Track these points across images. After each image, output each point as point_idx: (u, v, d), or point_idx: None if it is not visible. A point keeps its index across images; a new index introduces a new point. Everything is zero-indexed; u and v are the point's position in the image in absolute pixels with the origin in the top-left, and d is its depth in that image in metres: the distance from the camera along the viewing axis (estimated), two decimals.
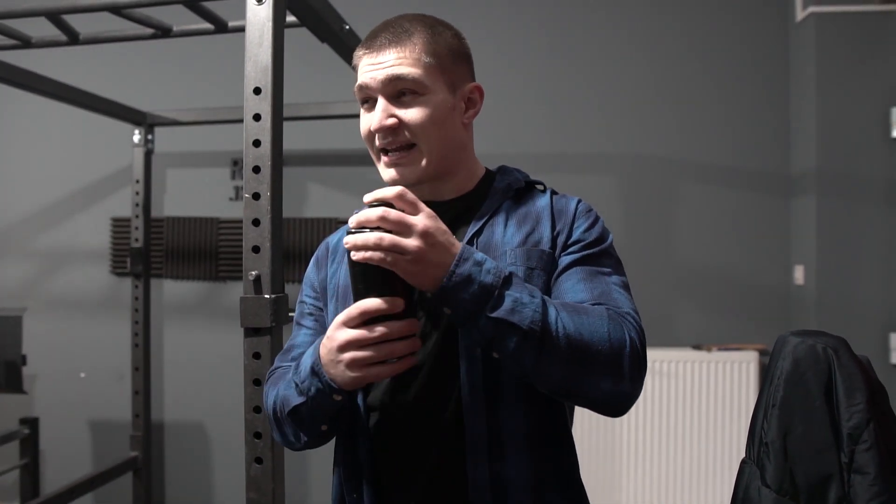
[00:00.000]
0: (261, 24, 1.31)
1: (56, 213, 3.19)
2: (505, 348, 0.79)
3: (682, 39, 2.82)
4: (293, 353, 1.03)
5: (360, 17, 1.96)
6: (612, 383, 0.82)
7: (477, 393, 0.89)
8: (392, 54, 0.93)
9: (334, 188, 2.98)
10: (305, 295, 1.09)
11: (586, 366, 0.81)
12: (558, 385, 0.82)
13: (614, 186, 2.84)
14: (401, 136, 0.94)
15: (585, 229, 0.98)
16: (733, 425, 2.62)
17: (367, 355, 0.79)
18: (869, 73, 2.55)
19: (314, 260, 1.11)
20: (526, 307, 0.78)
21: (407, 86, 0.93)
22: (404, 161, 0.95)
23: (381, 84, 0.93)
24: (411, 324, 0.79)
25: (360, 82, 0.95)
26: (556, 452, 0.95)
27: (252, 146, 1.29)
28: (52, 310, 3.13)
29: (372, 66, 0.94)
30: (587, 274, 0.93)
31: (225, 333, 2.98)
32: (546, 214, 0.98)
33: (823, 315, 2.54)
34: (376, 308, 0.78)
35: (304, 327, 1.07)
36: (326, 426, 0.91)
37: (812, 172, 2.58)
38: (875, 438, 0.98)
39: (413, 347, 0.80)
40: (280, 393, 0.93)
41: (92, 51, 2.40)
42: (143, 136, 2.86)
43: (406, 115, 0.93)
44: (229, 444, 3.01)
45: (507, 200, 1.00)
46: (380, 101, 0.94)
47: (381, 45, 0.94)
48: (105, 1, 1.59)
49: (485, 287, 0.78)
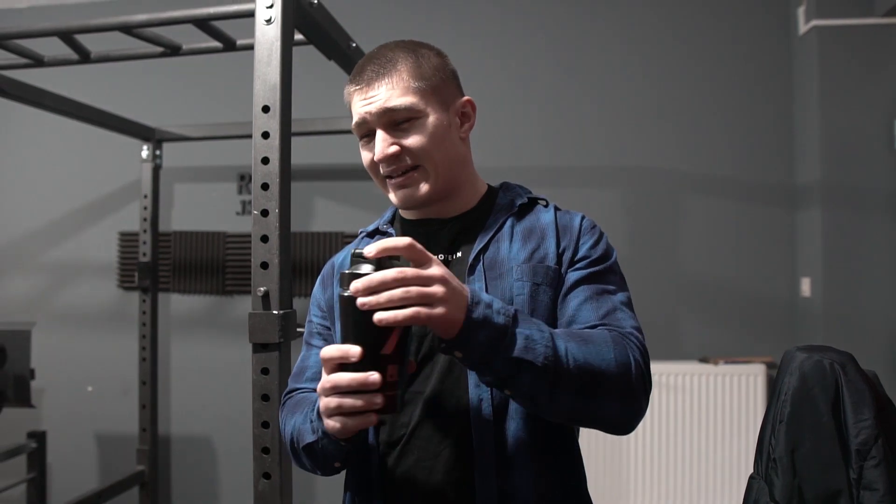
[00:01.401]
0: (269, 43, 1.33)
1: (64, 228, 3.22)
2: (520, 385, 0.80)
3: (686, 53, 2.83)
4: (307, 374, 1.05)
5: (367, 34, 1.98)
6: (620, 405, 0.85)
7: (485, 407, 0.91)
8: (382, 87, 0.95)
9: (341, 203, 3.00)
10: (313, 315, 1.10)
11: (597, 392, 0.83)
12: (570, 414, 0.85)
13: (619, 199, 2.85)
14: (403, 161, 0.96)
15: (591, 246, 0.99)
16: (740, 439, 2.61)
17: (326, 402, 0.78)
18: (872, 85, 2.55)
19: (320, 280, 1.12)
20: (538, 344, 0.80)
21: (401, 115, 0.95)
22: (410, 182, 0.98)
23: (377, 117, 0.95)
24: (364, 378, 0.75)
25: (357, 119, 0.97)
26: (563, 465, 0.96)
27: (261, 163, 1.30)
28: (60, 324, 3.14)
29: (365, 102, 0.96)
30: (593, 293, 0.94)
31: (232, 347, 2.99)
32: (551, 230, 1.00)
33: (830, 327, 2.53)
34: (330, 356, 0.77)
35: (314, 347, 1.07)
36: (339, 463, 0.93)
37: (817, 184, 2.58)
38: (884, 454, 0.98)
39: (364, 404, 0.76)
40: (297, 425, 0.94)
41: (101, 68, 2.43)
42: (151, 152, 2.89)
43: (406, 142, 0.95)
44: (236, 459, 3.01)
45: (511, 216, 1.02)
46: (378, 133, 0.96)
47: (369, 80, 0.96)
48: (116, 21, 1.62)
49: (498, 328, 0.78)
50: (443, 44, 1.07)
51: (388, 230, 1.07)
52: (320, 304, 1.09)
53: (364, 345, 0.75)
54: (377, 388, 0.75)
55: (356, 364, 0.75)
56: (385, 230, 1.07)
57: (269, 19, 1.33)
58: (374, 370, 0.75)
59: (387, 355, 0.76)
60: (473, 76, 2.91)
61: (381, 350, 0.76)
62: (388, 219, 1.10)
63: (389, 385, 0.76)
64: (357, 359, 0.75)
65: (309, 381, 1.03)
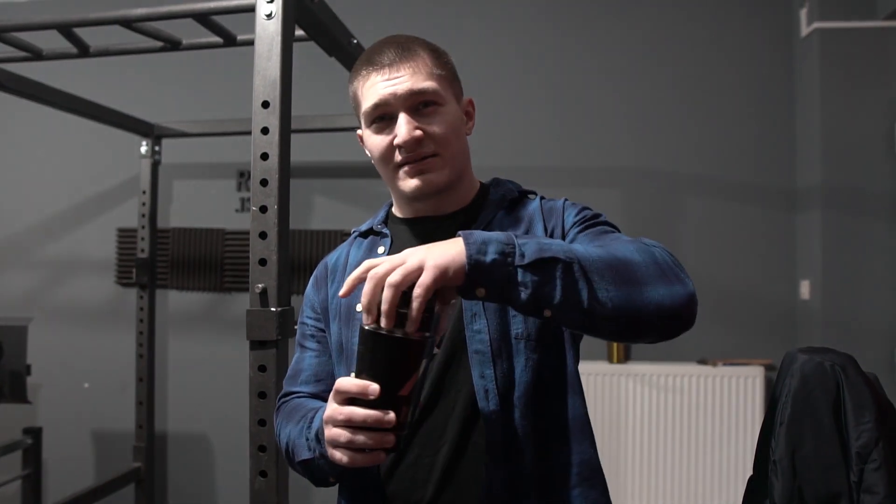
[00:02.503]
0: (270, 38, 1.32)
1: (62, 224, 3.21)
2: (554, 291, 0.73)
3: (687, 55, 2.83)
4: (301, 377, 1.04)
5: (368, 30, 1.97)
6: (666, 287, 0.80)
7: (491, 398, 0.90)
8: (407, 69, 0.93)
9: (340, 200, 2.99)
10: (306, 316, 1.08)
11: (634, 279, 0.78)
12: (621, 313, 0.77)
13: (619, 200, 2.84)
14: (425, 147, 0.94)
15: (577, 213, 1.00)
16: (739, 440, 2.60)
17: (336, 434, 0.77)
18: (873, 87, 2.55)
19: (313, 280, 1.10)
20: (551, 244, 0.76)
21: (428, 98, 0.94)
22: (429, 168, 0.95)
23: (403, 99, 0.93)
24: (381, 417, 0.73)
25: (378, 99, 0.94)
26: (573, 444, 0.94)
27: (260, 159, 1.30)
28: (57, 319, 3.13)
29: (388, 83, 0.93)
30: (593, 235, 0.95)
31: (229, 345, 2.98)
32: (537, 216, 1.00)
33: (830, 330, 2.53)
34: (346, 389, 0.75)
35: (308, 349, 1.06)
36: (334, 479, 0.94)
37: (817, 187, 2.58)
38: (884, 457, 0.97)
39: (376, 442, 0.74)
40: (292, 437, 0.94)
41: (100, 63, 2.41)
42: (150, 148, 2.88)
43: (430, 127, 0.94)
44: (232, 456, 3.00)
45: (501, 210, 1.02)
46: (402, 116, 0.93)
47: (392, 62, 0.94)
48: (116, 14, 1.61)
49: (503, 241, 0.74)
50: (444, 42, 1.06)
51: (382, 230, 1.06)
52: (314, 305, 1.07)
53: (382, 382, 0.73)
54: (391, 427, 0.73)
55: (372, 401, 0.73)
56: (379, 230, 1.06)
57: (270, 14, 1.32)
58: (389, 409, 0.73)
59: (403, 396, 0.74)
60: (474, 75, 2.90)
61: (400, 391, 0.74)
62: (381, 218, 1.08)
63: (401, 425, 0.75)
64: (375, 396, 0.73)
65: (304, 384, 1.03)
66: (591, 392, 2.67)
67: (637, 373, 2.67)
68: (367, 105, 0.95)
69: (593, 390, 2.67)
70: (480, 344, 0.92)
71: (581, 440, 0.95)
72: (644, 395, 2.67)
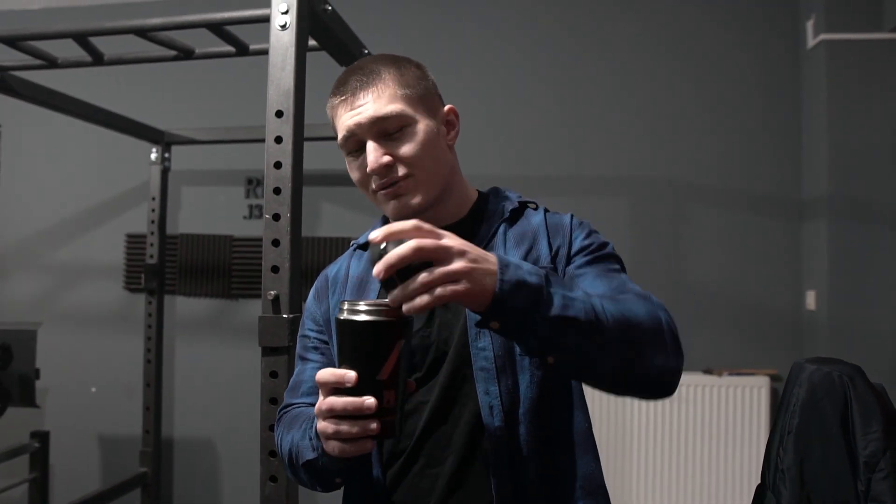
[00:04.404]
0: (284, 48, 1.34)
1: (72, 229, 3.23)
2: (564, 346, 0.76)
3: (694, 64, 2.84)
4: (302, 388, 1.03)
5: (378, 41, 2.00)
6: (661, 359, 0.83)
7: (496, 414, 0.91)
8: (368, 96, 0.94)
9: (348, 208, 3.01)
10: (308, 329, 1.07)
11: (636, 345, 0.81)
12: (614, 373, 0.81)
13: (626, 209, 2.85)
14: (395, 171, 0.94)
15: (585, 237, 1.00)
16: (744, 450, 2.60)
17: (323, 427, 0.77)
18: (879, 98, 2.56)
19: (314, 292, 1.09)
20: (576, 300, 0.77)
21: (392, 123, 0.93)
22: (403, 190, 0.95)
23: (367, 128, 0.93)
24: (359, 403, 0.74)
25: (346, 131, 0.95)
26: (577, 458, 0.95)
27: (273, 168, 1.31)
28: (65, 324, 3.15)
29: (352, 113, 0.94)
30: (600, 271, 0.95)
31: (236, 351, 2.99)
32: (542, 231, 1.00)
33: (836, 341, 2.53)
34: (325, 380, 0.76)
35: (310, 361, 1.05)
36: (340, 479, 0.93)
37: (823, 197, 2.59)
38: (892, 467, 0.98)
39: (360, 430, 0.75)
40: (295, 441, 0.93)
41: (111, 70, 2.44)
42: (160, 154, 2.90)
43: (398, 151, 0.94)
44: (239, 462, 3.00)
45: (504, 223, 1.01)
46: (370, 144, 0.94)
47: (354, 90, 0.95)
48: (132, 24, 1.63)
49: (533, 289, 0.74)
50: (451, 52, 1.08)
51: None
52: (315, 317, 1.07)
53: (360, 370, 0.74)
54: (373, 413, 0.74)
55: (352, 389, 0.74)
56: None
57: (284, 25, 1.34)
58: (370, 395, 0.74)
59: (383, 381, 0.75)
60: (481, 82, 2.94)
61: (378, 375, 0.74)
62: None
63: (386, 410, 0.75)
64: (352, 384, 0.74)
65: (305, 396, 1.03)
66: (597, 401, 2.67)
67: None
68: (339, 137, 0.97)
69: (598, 399, 2.68)
70: (485, 361, 0.92)
71: (585, 454, 0.96)
72: (649, 404, 2.67)
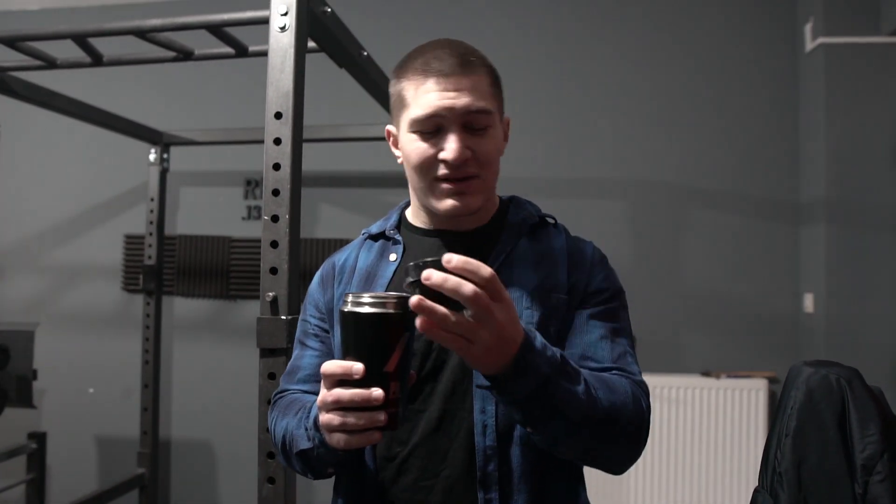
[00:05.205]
0: (283, 50, 1.34)
1: (70, 230, 3.23)
2: (549, 431, 0.80)
3: (692, 67, 2.85)
4: (299, 374, 1.02)
5: (377, 43, 2.00)
6: (629, 450, 0.87)
7: (489, 434, 0.90)
8: (467, 83, 0.90)
9: (347, 209, 3.01)
10: (309, 315, 1.05)
11: (614, 438, 0.85)
12: (582, 454, 0.86)
13: (624, 212, 2.86)
14: (470, 167, 0.91)
15: (604, 279, 0.99)
16: (741, 453, 2.60)
17: (328, 419, 0.76)
18: (877, 102, 2.57)
19: (319, 279, 1.06)
20: (578, 396, 0.78)
21: (481, 120, 0.91)
22: (469, 190, 0.93)
23: (458, 114, 0.89)
24: (367, 395, 0.73)
25: (431, 110, 0.89)
26: (564, 484, 0.95)
27: (272, 169, 1.31)
28: (63, 325, 3.15)
29: (446, 95, 0.89)
30: (608, 331, 0.95)
31: (234, 352, 2.99)
32: (562, 258, 0.98)
33: (833, 344, 2.53)
34: (331, 371, 0.75)
35: (308, 348, 1.03)
36: (333, 469, 0.93)
37: (821, 200, 2.59)
38: (889, 470, 0.98)
39: (367, 421, 0.74)
40: (290, 429, 0.92)
41: (110, 71, 2.44)
42: (158, 155, 2.90)
43: (479, 147, 0.91)
44: (237, 463, 3.00)
45: (523, 238, 1.00)
46: (455, 133, 0.90)
47: (451, 73, 0.89)
48: (132, 25, 1.63)
49: (541, 378, 0.76)
50: None
51: (394, 235, 1.03)
52: (318, 304, 1.04)
53: (366, 361, 0.74)
54: (380, 405, 0.73)
55: (358, 381, 0.74)
56: (391, 235, 1.03)
57: (284, 27, 1.34)
58: (377, 387, 0.74)
59: (389, 372, 0.75)
60: None
61: (384, 367, 0.74)
62: (394, 222, 1.05)
63: (392, 402, 0.75)
64: (360, 376, 0.73)
65: (301, 382, 1.01)
66: None
67: None
68: (418, 112, 0.90)
69: None
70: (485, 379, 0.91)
71: (577, 482, 0.97)
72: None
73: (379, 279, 0.99)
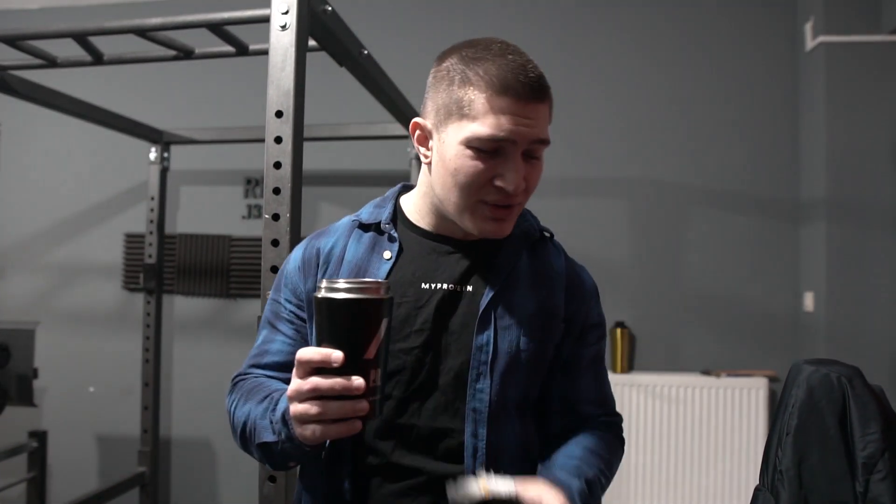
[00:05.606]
0: (284, 49, 1.34)
1: (71, 228, 3.23)
2: None
3: (693, 67, 2.85)
4: (266, 359, 0.97)
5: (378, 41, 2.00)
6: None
7: (479, 456, 0.88)
8: (541, 111, 0.86)
9: (346, 208, 3.01)
10: (285, 298, 0.97)
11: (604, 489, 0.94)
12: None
13: (625, 211, 2.86)
14: (519, 196, 0.89)
15: (599, 314, 1.03)
16: (742, 451, 2.61)
17: (303, 409, 0.73)
18: (878, 101, 2.57)
19: (300, 262, 0.97)
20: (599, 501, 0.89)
21: (540, 151, 0.89)
22: (509, 217, 0.90)
23: (526, 142, 0.86)
24: (348, 383, 0.71)
25: (502, 132, 0.83)
26: None
27: (273, 168, 1.31)
28: (63, 323, 3.15)
29: (523, 121, 0.84)
30: (598, 372, 1.03)
31: (235, 351, 2.99)
32: (561, 282, 0.98)
33: (833, 342, 2.53)
34: (308, 358, 0.72)
35: (279, 332, 0.97)
36: (294, 463, 0.90)
37: (822, 199, 2.59)
38: (890, 468, 0.98)
39: (349, 410, 0.72)
40: (253, 417, 0.88)
41: (110, 70, 2.45)
42: (159, 154, 2.90)
43: (531, 176, 0.89)
44: (237, 462, 3.00)
45: (525, 252, 0.97)
46: (518, 160, 0.86)
47: (529, 97, 0.84)
48: (132, 24, 1.63)
49: None
50: None
51: (390, 231, 0.96)
52: (297, 290, 0.96)
53: (345, 349, 0.72)
54: (361, 393, 0.71)
55: (336, 369, 0.71)
56: (387, 230, 0.96)
57: (284, 25, 1.34)
58: (357, 375, 0.71)
59: (369, 360, 0.72)
60: None
61: (364, 354, 0.72)
62: (389, 215, 0.98)
63: (371, 390, 0.73)
64: (339, 364, 0.71)
65: (267, 369, 0.97)
66: None
67: (641, 383, 2.68)
68: (485, 131, 0.83)
69: None
70: (480, 403, 0.89)
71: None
72: (648, 406, 2.67)
73: (368, 275, 0.93)
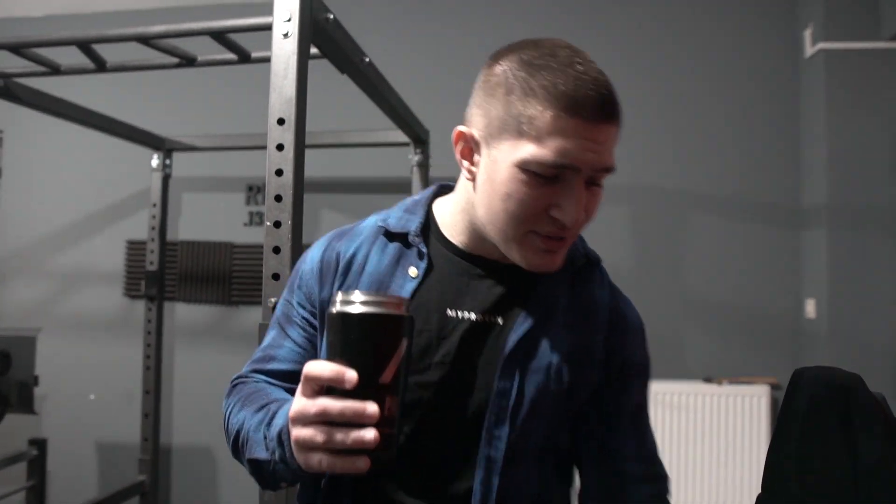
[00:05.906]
0: (286, 56, 1.35)
1: (72, 235, 3.23)
2: None
3: (693, 72, 2.85)
4: (272, 365, 0.90)
5: (380, 50, 2.00)
6: None
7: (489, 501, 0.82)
8: (612, 135, 0.77)
9: (348, 215, 3.01)
10: (297, 302, 0.90)
11: None
12: None
13: (626, 217, 2.86)
14: (575, 228, 0.79)
15: (643, 354, 0.93)
16: (744, 459, 2.60)
17: (309, 435, 0.64)
18: (878, 107, 2.57)
19: (318, 266, 0.89)
20: None
21: (603, 178, 0.79)
22: (561, 249, 0.80)
23: (591, 170, 0.75)
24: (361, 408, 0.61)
25: (566, 159, 0.73)
26: None
27: (275, 175, 1.32)
28: (64, 330, 3.15)
29: (590, 146, 0.74)
30: (641, 425, 0.94)
31: (236, 358, 2.96)
32: (602, 319, 0.88)
33: (835, 349, 2.53)
34: (318, 374, 0.63)
35: (289, 338, 0.90)
36: (287, 484, 0.81)
37: (823, 205, 2.59)
38: (893, 475, 0.97)
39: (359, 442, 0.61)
40: (247, 428, 0.80)
41: (113, 77, 2.45)
42: (161, 161, 2.91)
43: (590, 206, 0.79)
44: (238, 470, 2.97)
45: (566, 286, 0.87)
46: (579, 188, 0.75)
47: (599, 120, 0.74)
48: (135, 31, 1.64)
49: None
50: (452, 61, 1.07)
51: (419, 245, 0.86)
52: (312, 297, 0.88)
53: (358, 369, 0.62)
54: (374, 422, 0.61)
55: (348, 392, 0.61)
56: (416, 244, 0.87)
57: (287, 33, 1.35)
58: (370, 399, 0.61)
59: (385, 384, 0.63)
60: None
61: (379, 378, 0.62)
62: (419, 226, 0.88)
63: (387, 421, 0.63)
64: (353, 385, 0.61)
65: (272, 376, 0.90)
66: None
67: None
68: (546, 156, 0.73)
69: None
70: (495, 451, 0.80)
71: None
72: (650, 413, 2.66)
73: (390, 290, 0.84)
